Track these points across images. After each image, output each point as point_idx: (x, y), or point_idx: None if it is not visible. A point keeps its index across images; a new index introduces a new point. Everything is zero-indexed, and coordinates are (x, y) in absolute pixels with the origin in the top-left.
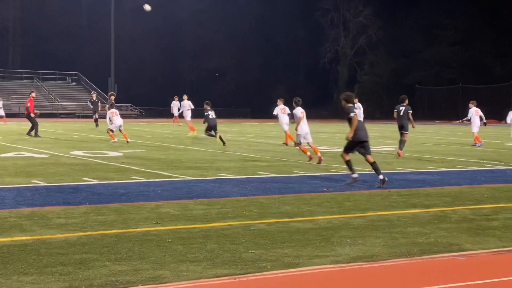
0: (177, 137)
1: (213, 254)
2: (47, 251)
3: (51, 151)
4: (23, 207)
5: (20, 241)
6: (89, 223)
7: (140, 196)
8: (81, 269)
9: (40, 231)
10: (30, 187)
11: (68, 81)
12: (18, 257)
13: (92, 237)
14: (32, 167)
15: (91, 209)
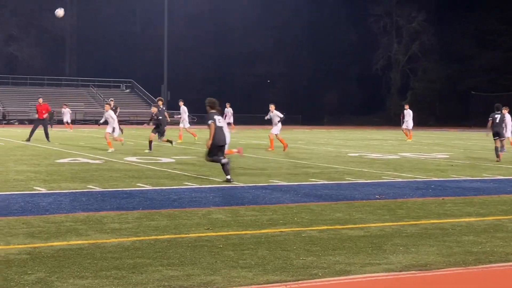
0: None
1: (264, 260)
2: (102, 255)
3: (105, 157)
4: (79, 212)
5: (76, 245)
6: (142, 228)
7: (192, 202)
8: (134, 274)
9: (95, 236)
10: (86, 192)
11: (122, 88)
12: (74, 261)
13: (145, 242)
14: (88, 172)
15: (144, 214)
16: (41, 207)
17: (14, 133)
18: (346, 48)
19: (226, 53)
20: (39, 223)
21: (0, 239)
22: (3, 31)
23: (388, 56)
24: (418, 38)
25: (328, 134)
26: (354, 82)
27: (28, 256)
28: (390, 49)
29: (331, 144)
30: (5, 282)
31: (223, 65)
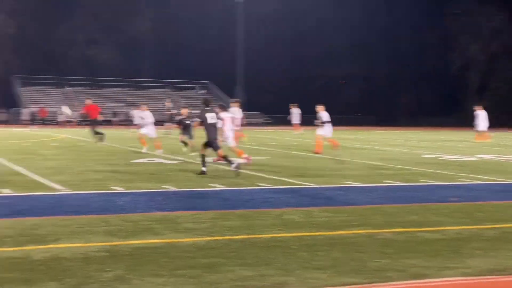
0: (302, 145)
1: (338, 262)
2: (177, 254)
3: (180, 157)
4: (155, 211)
5: (152, 243)
6: (217, 228)
7: (265, 202)
8: (209, 273)
9: (171, 235)
10: (161, 192)
11: (196, 89)
12: (150, 259)
13: (220, 242)
14: (163, 173)
15: (218, 214)
16: (119, 206)
17: None
18: (423, 48)
19: (301, 53)
20: (117, 221)
21: (81, 236)
22: (85, 35)
23: (466, 56)
24: (498, 37)
25: (403, 135)
26: (430, 83)
27: (107, 254)
28: (468, 49)
29: (405, 146)
30: (85, 278)
31: (298, 65)
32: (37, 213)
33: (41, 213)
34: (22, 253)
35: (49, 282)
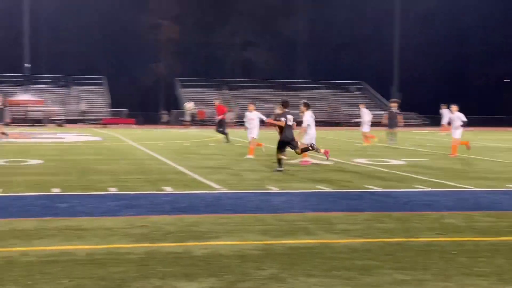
0: (461, 146)
1: (501, 269)
2: (332, 255)
3: (335, 158)
4: (309, 212)
5: (306, 243)
6: (372, 230)
7: (423, 205)
8: (364, 275)
9: (325, 235)
10: (316, 192)
11: (351, 90)
12: (305, 259)
13: (375, 244)
14: (317, 173)
15: (373, 216)
16: (274, 205)
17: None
18: None
19: (461, 52)
20: (272, 221)
21: (237, 234)
22: (241, 37)
23: None
24: None
25: None
26: None
27: (262, 252)
28: None
29: None
30: (242, 275)
31: (457, 64)
32: (196, 210)
33: (200, 211)
34: (183, 249)
35: (209, 278)
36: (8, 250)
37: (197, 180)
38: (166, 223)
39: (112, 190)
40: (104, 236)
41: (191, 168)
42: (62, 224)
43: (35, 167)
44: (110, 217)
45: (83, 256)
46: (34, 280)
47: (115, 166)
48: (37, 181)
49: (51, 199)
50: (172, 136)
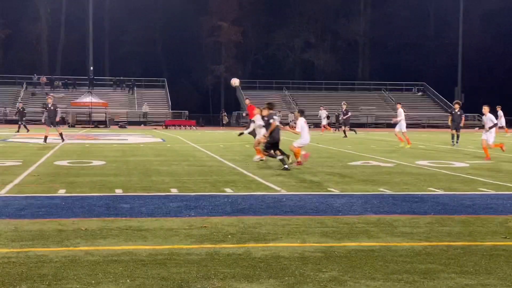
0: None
1: None
2: (393, 258)
3: (396, 160)
4: (370, 214)
5: (367, 246)
6: (434, 233)
7: (487, 208)
8: (426, 279)
9: (386, 238)
10: (377, 195)
11: (414, 91)
12: (366, 262)
13: (437, 248)
14: (379, 175)
15: (436, 219)
16: (334, 208)
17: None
18: None
19: None
20: (333, 223)
21: (297, 236)
22: (301, 39)
23: None
24: None
25: None
26: None
27: (323, 255)
28: None
29: None
30: (301, 278)
31: None
32: (257, 212)
33: (260, 212)
34: (244, 250)
35: (269, 279)
36: (72, 249)
37: (258, 182)
38: (227, 224)
39: (173, 191)
40: (165, 237)
41: (251, 170)
42: (125, 224)
43: (98, 168)
44: (171, 217)
45: (145, 256)
46: (97, 279)
47: (176, 168)
48: (100, 182)
49: (114, 200)
50: (232, 137)
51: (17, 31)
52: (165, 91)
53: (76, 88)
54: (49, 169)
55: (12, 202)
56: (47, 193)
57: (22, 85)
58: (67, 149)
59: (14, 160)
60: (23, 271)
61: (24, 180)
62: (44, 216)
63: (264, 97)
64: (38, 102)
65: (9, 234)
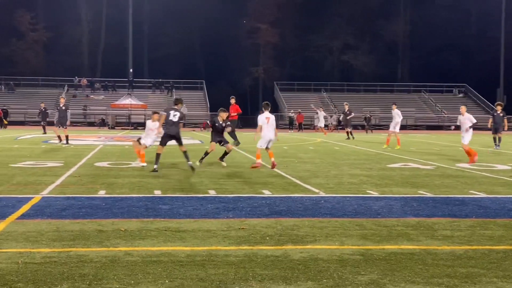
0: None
1: None
2: (433, 261)
3: (437, 162)
4: (410, 217)
5: (407, 249)
6: (475, 237)
7: None
8: (467, 283)
9: (426, 242)
10: (417, 197)
11: (454, 93)
12: (405, 265)
13: (479, 252)
14: (418, 178)
15: (477, 222)
16: (373, 210)
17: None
18: None
19: None
20: (371, 225)
21: (336, 239)
22: (340, 40)
23: None
24: None
25: None
26: None
27: (361, 257)
28: None
29: None
30: (340, 280)
31: None
32: (295, 214)
33: (298, 214)
34: (282, 252)
35: (307, 282)
36: (112, 249)
37: (296, 184)
38: (265, 226)
39: (211, 192)
40: (203, 238)
41: (289, 172)
42: (163, 225)
43: (137, 169)
44: (210, 219)
45: (183, 257)
46: (136, 279)
47: (214, 169)
48: (139, 183)
49: (153, 201)
50: None
51: (59, 34)
52: (203, 92)
53: (116, 90)
54: (90, 170)
55: (54, 202)
56: (87, 194)
57: (63, 88)
58: (107, 151)
59: (55, 161)
60: (64, 271)
61: (65, 181)
62: (85, 216)
63: (302, 99)
64: (79, 104)
65: (51, 234)
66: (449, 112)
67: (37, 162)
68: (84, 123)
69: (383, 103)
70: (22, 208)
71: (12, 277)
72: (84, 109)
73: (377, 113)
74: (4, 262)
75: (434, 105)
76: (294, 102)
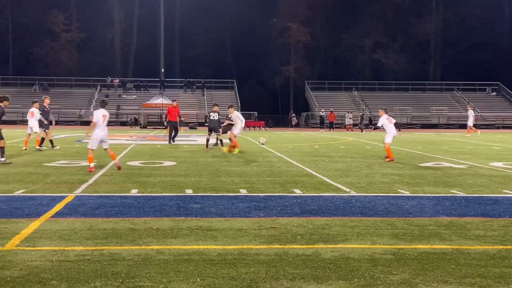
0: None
1: None
2: (466, 261)
3: (470, 161)
4: (442, 216)
5: (439, 249)
6: (509, 236)
7: None
8: (500, 284)
9: (459, 241)
10: (449, 196)
11: (488, 91)
12: (437, 265)
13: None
14: (451, 177)
15: (511, 222)
16: (405, 209)
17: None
18: None
19: None
20: (403, 225)
21: (367, 238)
22: (371, 39)
23: None
24: None
25: None
26: None
27: (393, 257)
28: None
29: None
30: (371, 280)
31: None
32: (326, 213)
33: (329, 214)
34: (313, 251)
35: (338, 281)
36: (144, 248)
37: (326, 183)
38: (296, 225)
39: (242, 191)
40: (234, 237)
41: (320, 171)
42: (195, 224)
43: (169, 169)
44: (241, 218)
45: (214, 256)
46: (168, 277)
47: (245, 168)
48: (171, 182)
49: (184, 200)
50: (301, 138)
51: (91, 34)
52: (234, 92)
53: (148, 90)
54: (122, 169)
55: (87, 201)
56: (120, 193)
57: (96, 88)
58: (139, 150)
59: None
60: (97, 269)
61: (98, 180)
62: (117, 215)
63: (333, 98)
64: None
65: (84, 233)
66: (482, 111)
67: (70, 161)
68: (117, 122)
69: (414, 101)
70: (56, 206)
71: (46, 275)
72: (117, 109)
73: (409, 112)
74: (38, 260)
75: (467, 103)
76: (325, 101)
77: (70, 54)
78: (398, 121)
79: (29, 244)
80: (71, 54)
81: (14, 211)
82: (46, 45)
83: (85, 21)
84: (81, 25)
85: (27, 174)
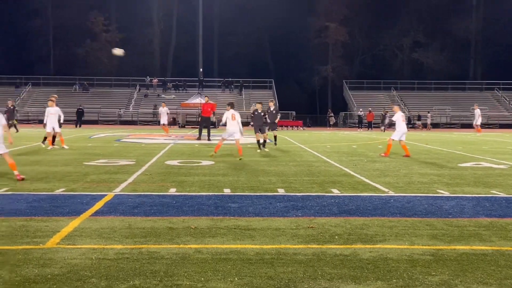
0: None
1: None
2: (507, 263)
3: (510, 161)
4: (482, 217)
5: (479, 250)
6: None
7: None
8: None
9: (499, 242)
10: (489, 197)
11: None
12: (477, 266)
13: None
14: (491, 177)
15: None
16: (444, 210)
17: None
18: None
19: None
20: (442, 225)
21: (406, 239)
22: (410, 38)
23: None
24: None
25: None
26: None
27: (432, 258)
28: None
29: None
30: (410, 280)
31: None
32: (364, 213)
33: (368, 214)
34: (351, 251)
35: (377, 282)
36: (182, 246)
37: (365, 183)
38: (333, 225)
39: (280, 191)
40: (272, 236)
41: (358, 171)
42: (233, 224)
43: (207, 168)
44: (278, 217)
45: (252, 255)
46: (206, 276)
47: (283, 168)
48: (209, 181)
49: (222, 199)
50: (339, 138)
51: (130, 35)
52: (272, 91)
53: (186, 90)
54: (161, 169)
55: (126, 200)
56: (158, 192)
57: (135, 87)
58: (177, 149)
59: (127, 160)
60: (136, 267)
61: (137, 179)
62: (156, 214)
63: (372, 97)
64: (150, 103)
65: (123, 231)
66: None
67: (109, 160)
68: (155, 122)
69: (454, 101)
70: (96, 205)
71: (86, 273)
72: (155, 109)
73: (448, 111)
74: (78, 258)
75: (508, 103)
76: (364, 100)
77: (110, 54)
78: (437, 120)
79: (70, 242)
80: (111, 54)
81: (54, 209)
82: (86, 45)
83: (124, 21)
84: (120, 25)
85: (68, 172)
